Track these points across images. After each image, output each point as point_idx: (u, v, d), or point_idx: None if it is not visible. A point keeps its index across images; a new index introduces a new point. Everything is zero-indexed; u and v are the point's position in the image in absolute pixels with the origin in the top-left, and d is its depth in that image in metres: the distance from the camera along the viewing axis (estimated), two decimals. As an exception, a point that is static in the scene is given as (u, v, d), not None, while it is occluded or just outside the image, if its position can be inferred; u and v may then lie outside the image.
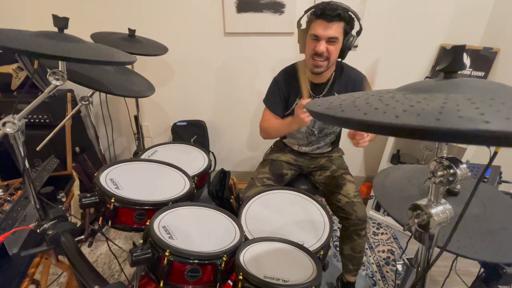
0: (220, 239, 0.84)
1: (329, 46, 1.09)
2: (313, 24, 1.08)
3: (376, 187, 0.85)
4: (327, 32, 1.06)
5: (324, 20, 1.05)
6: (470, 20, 1.68)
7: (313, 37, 1.09)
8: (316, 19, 1.06)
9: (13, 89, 1.69)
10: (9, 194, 1.08)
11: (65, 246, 0.81)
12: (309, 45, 1.12)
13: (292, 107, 1.30)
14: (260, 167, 1.37)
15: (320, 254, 0.89)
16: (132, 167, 1.08)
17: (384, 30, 1.74)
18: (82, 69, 1.05)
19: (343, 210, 1.19)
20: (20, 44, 0.64)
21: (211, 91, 2.05)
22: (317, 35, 1.07)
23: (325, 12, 1.03)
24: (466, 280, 1.44)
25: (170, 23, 1.83)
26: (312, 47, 1.10)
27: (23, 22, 1.88)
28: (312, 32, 1.08)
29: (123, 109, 2.10)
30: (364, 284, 1.50)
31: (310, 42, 1.11)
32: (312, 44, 1.10)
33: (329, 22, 1.04)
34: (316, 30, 1.07)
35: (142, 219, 0.89)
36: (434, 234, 0.52)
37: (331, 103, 0.46)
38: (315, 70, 1.15)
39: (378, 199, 0.79)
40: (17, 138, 0.76)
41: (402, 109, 0.35)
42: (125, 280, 1.42)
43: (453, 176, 0.46)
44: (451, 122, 0.30)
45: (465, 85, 0.41)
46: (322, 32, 1.06)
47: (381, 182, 0.86)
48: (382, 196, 0.80)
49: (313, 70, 1.15)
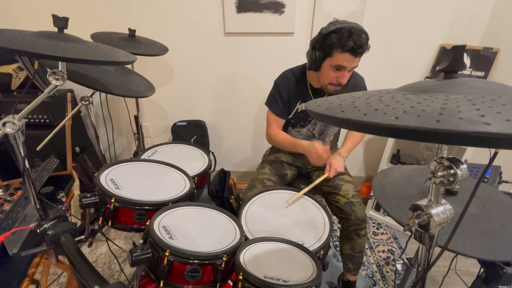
0: (220, 239, 0.84)
1: (348, 74, 1.11)
2: (339, 56, 1.05)
3: (375, 187, 0.85)
4: (352, 64, 1.07)
5: (352, 55, 1.03)
6: (470, 20, 1.68)
7: (337, 67, 1.08)
8: (342, 52, 1.03)
9: (13, 89, 1.69)
10: (9, 194, 1.08)
11: (65, 246, 0.81)
12: (330, 73, 1.11)
13: (292, 112, 1.31)
14: (260, 168, 1.37)
15: (320, 254, 0.89)
16: (132, 167, 1.08)
17: (384, 30, 1.74)
18: (82, 69, 1.05)
19: (342, 210, 1.19)
20: (20, 44, 0.64)
21: (211, 91, 2.05)
22: (344, 66, 1.07)
23: (356, 49, 1.01)
24: (466, 280, 1.44)
25: (170, 23, 1.83)
26: (334, 77, 1.11)
27: (23, 22, 1.88)
28: (338, 63, 1.06)
29: (123, 109, 2.10)
30: (364, 284, 1.50)
31: (331, 71, 1.10)
32: (334, 74, 1.10)
33: (355, 57, 1.05)
34: (343, 62, 1.06)
35: (142, 219, 0.89)
36: (434, 235, 0.53)
37: (331, 103, 0.46)
38: (332, 93, 1.17)
39: (377, 199, 0.79)
40: (17, 138, 0.76)
41: (402, 110, 0.35)
42: (125, 280, 1.42)
43: (454, 176, 0.45)
44: (451, 124, 0.30)
45: (465, 85, 0.41)
46: (348, 64, 1.06)
47: (380, 182, 0.86)
48: (381, 196, 0.80)
49: (330, 92, 1.18)
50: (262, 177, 1.29)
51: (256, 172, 1.35)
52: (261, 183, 1.26)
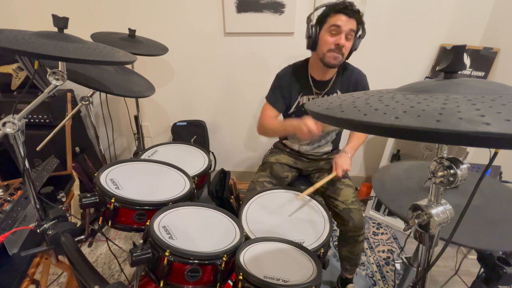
0: (220, 239, 0.84)
1: (346, 42, 1.11)
2: (333, 17, 1.09)
3: (375, 181, 0.85)
4: (347, 25, 1.08)
5: (345, 14, 1.06)
6: (470, 20, 1.68)
7: (333, 29, 1.09)
8: (336, 13, 1.08)
9: (13, 89, 1.69)
10: (9, 194, 1.08)
11: (65, 246, 0.81)
12: (327, 38, 1.12)
13: (294, 105, 1.30)
14: (260, 170, 1.37)
15: (320, 252, 0.89)
16: (132, 167, 1.08)
17: (384, 30, 1.74)
18: (82, 69, 1.05)
19: (340, 216, 1.19)
20: (20, 44, 0.64)
21: (211, 91, 2.05)
22: (339, 25, 1.08)
23: (347, 7, 1.06)
24: (466, 280, 1.44)
25: (170, 23, 1.83)
26: (332, 40, 1.11)
27: (23, 22, 1.88)
28: (333, 23, 1.08)
29: (123, 109, 2.10)
30: (364, 284, 1.50)
31: (327, 36, 1.11)
32: (331, 38, 1.11)
33: (349, 18, 1.07)
34: (337, 21, 1.08)
35: (142, 219, 0.89)
36: (434, 235, 0.53)
37: (331, 103, 0.46)
38: (332, 63, 1.14)
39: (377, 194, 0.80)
40: (17, 138, 0.76)
41: (402, 110, 0.35)
42: (125, 280, 1.42)
43: (454, 176, 0.45)
44: (451, 124, 0.30)
45: (465, 86, 0.41)
46: (342, 24, 1.07)
47: (381, 176, 0.87)
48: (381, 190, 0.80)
49: (330, 63, 1.14)
50: (262, 179, 1.29)
51: (256, 174, 1.35)
52: (260, 185, 1.26)
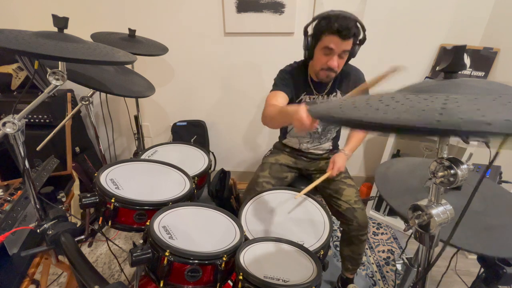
0: (220, 239, 0.84)
1: (339, 60, 1.11)
2: (326, 38, 1.07)
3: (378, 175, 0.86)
4: (341, 47, 1.07)
5: (339, 37, 1.05)
6: (470, 20, 1.67)
7: (325, 51, 1.10)
8: (329, 34, 1.06)
9: (13, 89, 1.69)
10: (9, 194, 1.08)
11: (65, 246, 0.81)
12: (320, 58, 1.12)
13: (297, 100, 1.29)
14: (259, 171, 1.36)
15: (320, 254, 0.89)
16: (132, 167, 1.08)
17: (384, 30, 1.74)
18: (82, 69, 1.05)
19: (343, 216, 1.20)
20: (20, 44, 0.64)
21: (211, 91, 2.05)
22: (332, 48, 1.07)
23: (341, 31, 1.03)
24: (466, 280, 1.44)
25: (170, 23, 1.83)
26: (324, 61, 1.12)
27: (23, 22, 1.88)
28: (326, 45, 1.08)
29: (123, 109, 2.10)
30: (364, 284, 1.50)
31: (321, 55, 1.12)
32: (324, 58, 1.11)
33: (343, 40, 1.05)
34: (330, 44, 1.07)
35: (142, 219, 0.89)
36: (434, 235, 0.53)
37: (331, 103, 0.46)
38: (325, 80, 1.19)
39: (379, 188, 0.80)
40: (17, 138, 0.76)
41: (403, 110, 0.35)
42: (125, 280, 1.42)
43: (454, 176, 0.45)
44: (451, 124, 0.30)
45: (465, 85, 0.41)
46: (335, 47, 1.07)
47: (385, 170, 0.88)
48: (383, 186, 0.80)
49: (323, 80, 1.19)
50: (262, 180, 1.28)
51: (256, 174, 1.34)
52: (260, 186, 1.26)
